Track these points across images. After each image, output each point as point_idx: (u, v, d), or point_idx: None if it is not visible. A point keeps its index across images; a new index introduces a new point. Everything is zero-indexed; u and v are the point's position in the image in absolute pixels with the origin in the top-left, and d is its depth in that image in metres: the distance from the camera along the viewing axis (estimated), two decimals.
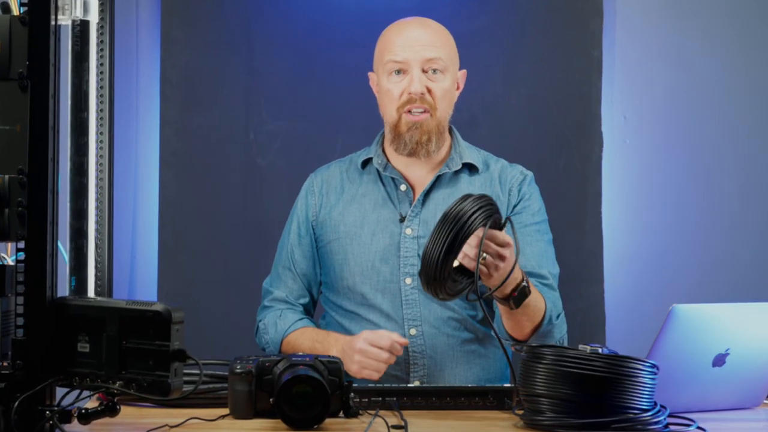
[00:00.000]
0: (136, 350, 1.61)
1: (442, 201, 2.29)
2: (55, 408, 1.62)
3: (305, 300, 2.39)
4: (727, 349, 1.87)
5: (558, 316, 2.20)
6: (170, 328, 1.58)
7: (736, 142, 3.14)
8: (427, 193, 2.31)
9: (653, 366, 1.72)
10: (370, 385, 2.03)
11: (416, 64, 2.24)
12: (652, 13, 3.14)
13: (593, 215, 3.07)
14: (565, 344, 2.23)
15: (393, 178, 2.33)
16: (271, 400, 1.78)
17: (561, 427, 1.71)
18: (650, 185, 3.14)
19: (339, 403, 1.83)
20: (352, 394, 1.84)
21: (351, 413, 1.83)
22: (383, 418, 1.80)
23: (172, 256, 3.03)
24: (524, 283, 2.05)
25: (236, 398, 1.84)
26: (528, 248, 2.27)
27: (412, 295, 2.27)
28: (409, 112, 2.26)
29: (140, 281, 3.05)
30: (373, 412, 1.84)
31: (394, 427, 1.75)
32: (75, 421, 1.62)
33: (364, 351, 2.11)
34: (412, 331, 2.27)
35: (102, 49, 2.26)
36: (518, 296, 2.04)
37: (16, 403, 1.57)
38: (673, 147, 3.14)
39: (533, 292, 2.09)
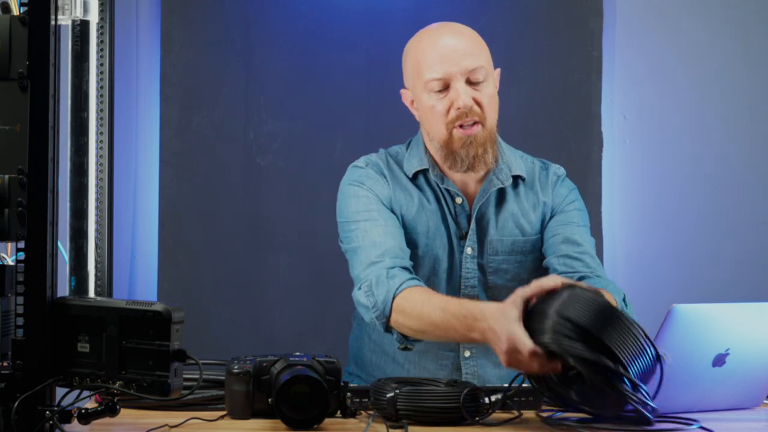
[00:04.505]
0: (136, 350, 1.61)
1: (493, 218, 2.22)
2: (55, 408, 1.61)
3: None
4: (727, 349, 1.86)
5: (623, 299, 2.16)
6: (170, 328, 1.58)
7: (736, 142, 3.14)
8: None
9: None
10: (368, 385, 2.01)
11: (459, 76, 2.12)
12: (651, 12, 3.14)
13: (593, 215, 3.05)
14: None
15: (449, 191, 2.22)
16: (269, 400, 1.78)
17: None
18: (650, 185, 3.14)
19: (337, 403, 1.83)
20: (348, 393, 1.83)
21: (349, 413, 1.83)
22: (383, 418, 1.80)
23: (172, 256, 3.03)
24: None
25: (233, 399, 1.83)
26: (587, 245, 2.23)
27: None
28: (461, 126, 2.14)
29: (140, 281, 3.05)
30: (372, 412, 1.84)
31: (394, 427, 1.75)
32: (75, 421, 1.62)
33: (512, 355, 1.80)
34: (467, 353, 2.22)
35: (102, 49, 2.25)
36: None
37: (16, 403, 1.57)
38: (673, 147, 3.14)
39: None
